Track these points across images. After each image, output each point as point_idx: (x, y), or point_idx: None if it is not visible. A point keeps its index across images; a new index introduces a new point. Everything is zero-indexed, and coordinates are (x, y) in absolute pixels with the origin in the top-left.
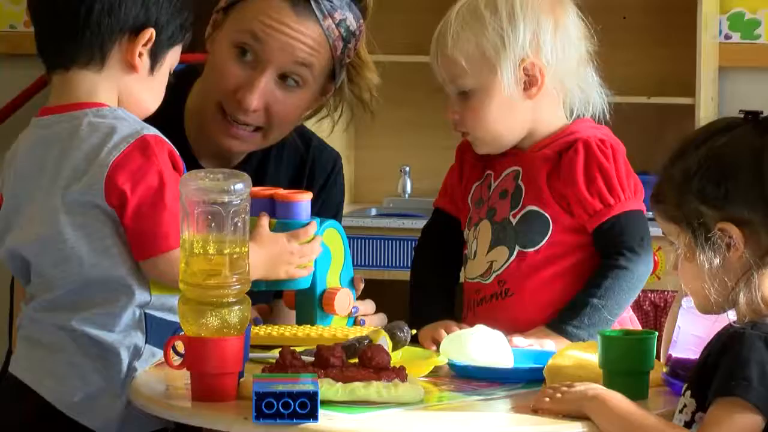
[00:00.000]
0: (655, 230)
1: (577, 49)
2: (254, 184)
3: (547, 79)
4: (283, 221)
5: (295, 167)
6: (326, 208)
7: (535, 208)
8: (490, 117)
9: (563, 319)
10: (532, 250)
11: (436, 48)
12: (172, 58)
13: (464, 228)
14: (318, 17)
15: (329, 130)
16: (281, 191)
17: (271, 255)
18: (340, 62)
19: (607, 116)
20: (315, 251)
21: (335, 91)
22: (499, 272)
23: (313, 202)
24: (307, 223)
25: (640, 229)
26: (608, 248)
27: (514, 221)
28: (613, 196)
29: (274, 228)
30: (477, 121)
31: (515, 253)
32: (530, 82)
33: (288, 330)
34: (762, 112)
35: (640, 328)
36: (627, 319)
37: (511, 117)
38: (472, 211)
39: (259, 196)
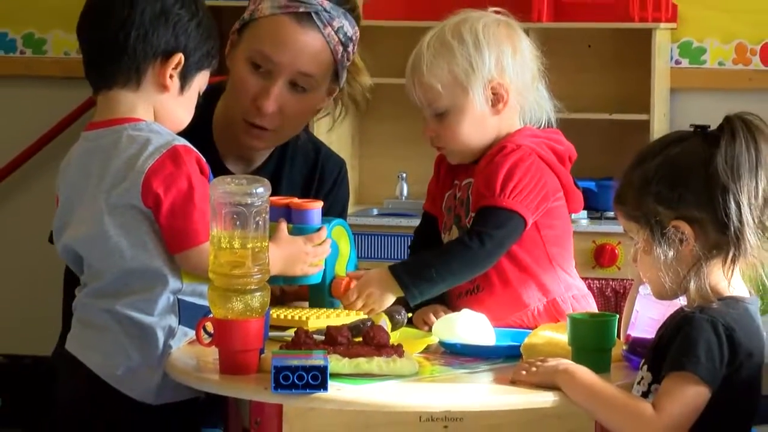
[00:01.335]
0: (616, 228)
1: (530, 69)
2: (272, 187)
3: (510, 96)
4: (298, 226)
5: (307, 172)
6: (334, 206)
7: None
8: (464, 132)
9: (400, 263)
10: None
11: (412, 76)
12: (201, 80)
13: (441, 232)
14: (319, 26)
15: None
16: (296, 200)
17: (289, 255)
18: (341, 65)
19: (553, 123)
20: (325, 252)
21: (334, 96)
22: None
23: (323, 200)
24: (319, 228)
25: (497, 224)
26: (469, 228)
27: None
28: (488, 189)
29: (290, 232)
30: (453, 137)
31: None
32: (497, 100)
33: (302, 313)
34: (710, 127)
35: (596, 310)
36: (586, 308)
37: (482, 130)
38: (446, 217)
39: (277, 205)
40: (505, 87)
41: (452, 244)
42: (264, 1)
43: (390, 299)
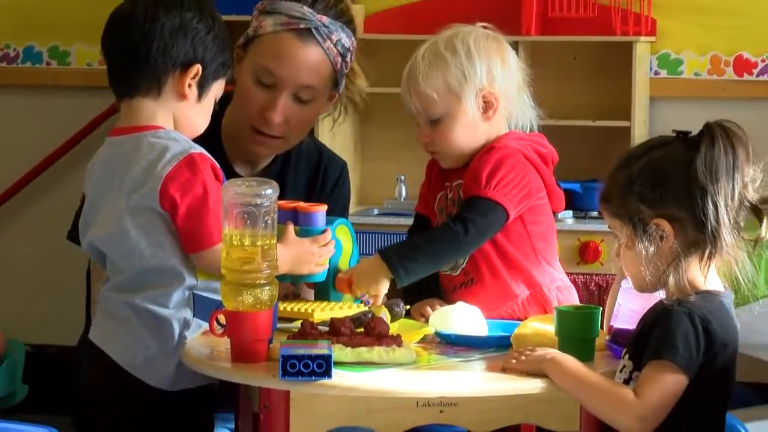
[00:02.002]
0: (599, 226)
1: (516, 79)
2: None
3: (499, 104)
4: (305, 228)
5: (311, 173)
6: (336, 204)
7: None
8: (457, 137)
9: (389, 246)
10: None
11: (408, 86)
12: (217, 89)
13: None
14: (319, 41)
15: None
16: (302, 204)
17: (296, 255)
18: (341, 74)
19: (536, 128)
20: (330, 252)
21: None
22: (463, 265)
23: (326, 200)
24: (324, 230)
25: (481, 212)
26: (455, 215)
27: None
28: (476, 182)
29: (297, 234)
30: (446, 142)
31: None
32: (487, 107)
33: (308, 306)
34: (690, 132)
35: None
36: (569, 301)
37: (473, 135)
38: (438, 217)
39: (285, 209)
40: (495, 95)
41: (438, 229)
42: (266, 18)
43: (383, 282)
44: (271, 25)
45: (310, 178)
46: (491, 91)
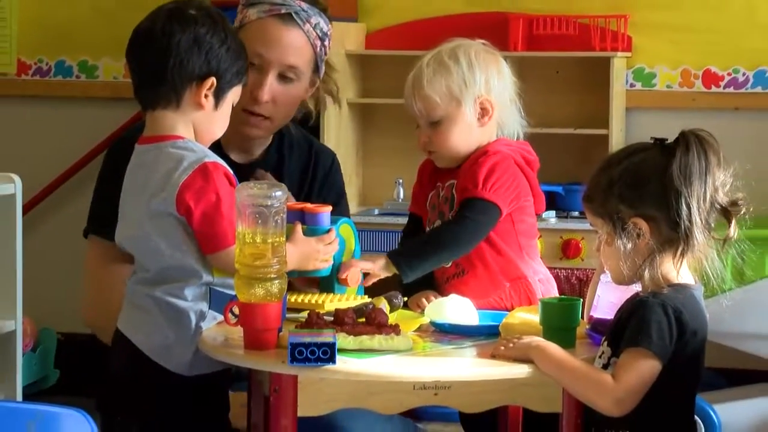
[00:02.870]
0: (580, 225)
1: (509, 91)
2: (274, 176)
3: (494, 111)
4: (311, 228)
5: (303, 163)
6: (331, 192)
7: None
8: (453, 139)
9: (395, 250)
10: None
11: (413, 89)
12: (233, 95)
13: (426, 227)
14: (300, 24)
15: (343, 150)
16: (309, 206)
17: (303, 253)
18: (320, 57)
19: (522, 137)
20: (334, 250)
21: (316, 87)
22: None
23: (320, 186)
24: (329, 230)
25: (479, 211)
26: (455, 214)
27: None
28: (472, 183)
29: (304, 233)
30: (444, 143)
31: None
32: (483, 113)
33: (315, 298)
34: (667, 139)
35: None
36: (550, 292)
37: (468, 138)
38: (430, 214)
39: (294, 209)
40: (491, 103)
41: (441, 227)
42: (250, 8)
43: (385, 267)
44: (255, 13)
45: (304, 166)
46: (488, 99)
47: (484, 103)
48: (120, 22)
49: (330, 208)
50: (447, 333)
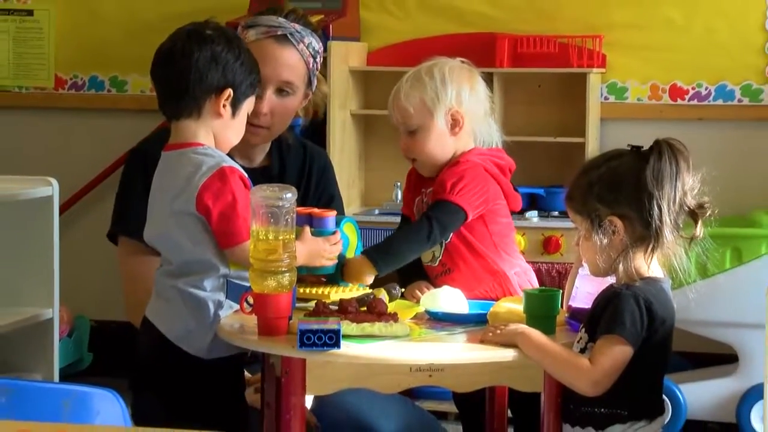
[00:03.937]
0: (560, 224)
1: (483, 104)
2: (278, 179)
3: (465, 123)
4: (318, 230)
5: (300, 164)
6: (327, 189)
7: None
8: (429, 146)
9: (372, 246)
10: (449, 240)
11: (393, 101)
12: (248, 104)
13: None
14: (294, 44)
15: (347, 156)
16: (316, 210)
17: (311, 251)
18: (313, 72)
19: (500, 146)
20: (338, 249)
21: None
22: (440, 257)
23: (316, 184)
24: (333, 232)
25: (444, 212)
26: (422, 214)
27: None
28: (441, 188)
29: (312, 234)
30: (420, 150)
31: (444, 243)
32: (454, 124)
33: (321, 289)
34: (642, 147)
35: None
36: (527, 282)
37: (444, 146)
38: (415, 217)
39: (302, 214)
40: (462, 114)
41: (408, 226)
42: (249, 30)
43: (369, 274)
44: (253, 35)
45: (300, 168)
46: (458, 111)
47: (455, 114)
48: (147, 43)
49: (334, 212)
50: (440, 320)
